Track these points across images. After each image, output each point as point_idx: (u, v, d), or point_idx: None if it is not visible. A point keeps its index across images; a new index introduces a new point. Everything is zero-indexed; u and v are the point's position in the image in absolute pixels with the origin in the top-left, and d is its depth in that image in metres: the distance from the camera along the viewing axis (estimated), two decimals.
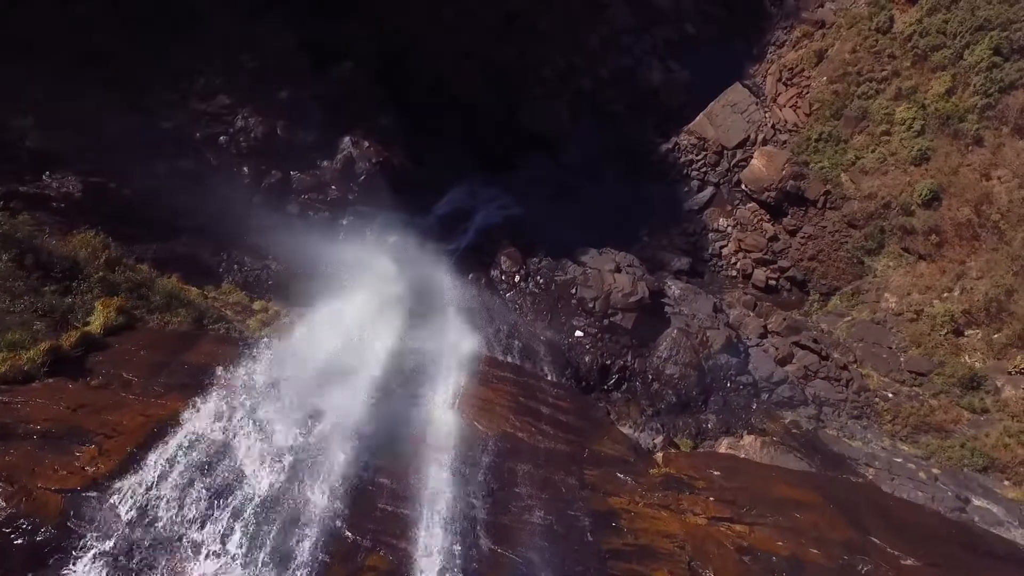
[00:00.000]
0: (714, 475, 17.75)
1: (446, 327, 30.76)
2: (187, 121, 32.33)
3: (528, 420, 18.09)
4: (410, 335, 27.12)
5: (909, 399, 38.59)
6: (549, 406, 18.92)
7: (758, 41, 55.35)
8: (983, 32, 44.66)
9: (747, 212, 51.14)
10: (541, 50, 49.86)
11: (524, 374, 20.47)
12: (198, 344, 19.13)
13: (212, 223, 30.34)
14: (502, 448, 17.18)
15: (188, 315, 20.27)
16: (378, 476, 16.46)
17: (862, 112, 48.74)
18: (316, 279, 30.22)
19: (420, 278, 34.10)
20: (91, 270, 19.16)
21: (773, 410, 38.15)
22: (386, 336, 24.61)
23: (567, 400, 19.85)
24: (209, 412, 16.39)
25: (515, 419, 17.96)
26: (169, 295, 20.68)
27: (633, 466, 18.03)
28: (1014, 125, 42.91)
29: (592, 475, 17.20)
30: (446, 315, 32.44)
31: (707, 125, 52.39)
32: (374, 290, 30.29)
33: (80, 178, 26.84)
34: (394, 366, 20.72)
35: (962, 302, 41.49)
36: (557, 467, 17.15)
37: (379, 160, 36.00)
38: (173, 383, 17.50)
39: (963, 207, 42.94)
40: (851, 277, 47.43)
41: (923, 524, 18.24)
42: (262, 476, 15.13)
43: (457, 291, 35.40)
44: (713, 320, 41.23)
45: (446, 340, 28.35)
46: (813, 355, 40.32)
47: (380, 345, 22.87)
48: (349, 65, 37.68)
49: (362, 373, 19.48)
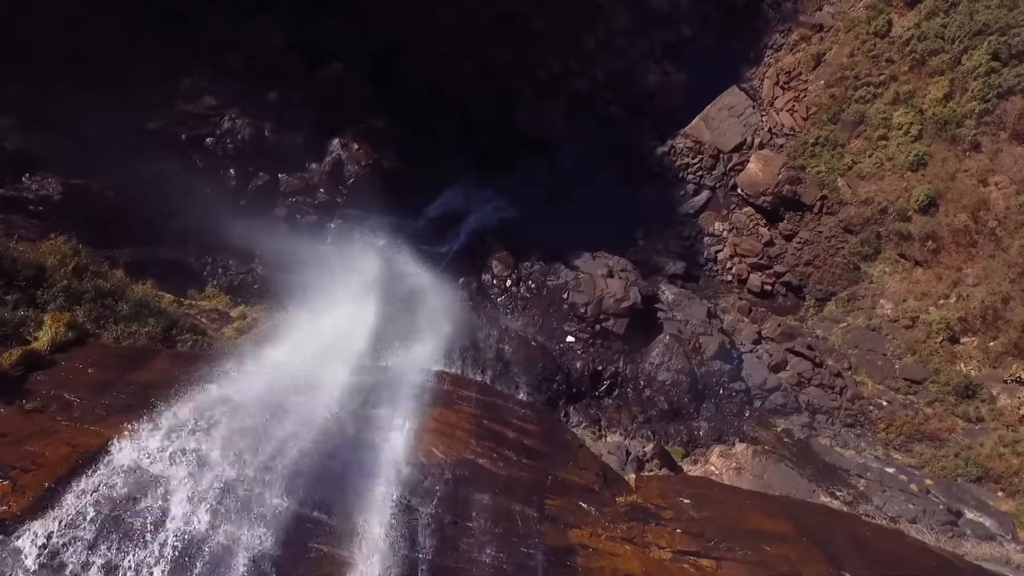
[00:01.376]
0: (684, 504, 16.64)
1: (418, 341, 30.16)
2: (173, 122, 31.89)
3: (490, 445, 16.97)
4: (380, 350, 26.46)
5: (903, 407, 38.19)
6: (515, 429, 17.69)
7: (755, 44, 54.93)
8: (981, 37, 44.28)
9: (743, 216, 50.70)
10: (536, 51, 49.42)
11: (491, 393, 18.94)
12: (152, 361, 18.05)
13: (197, 226, 29.90)
14: (459, 476, 16.15)
15: (157, 324, 19.57)
16: (317, 511, 15.32)
17: (859, 116, 48.37)
18: (300, 284, 29.80)
19: (402, 285, 33.66)
20: (57, 278, 18.53)
21: (766, 418, 37.79)
22: (354, 351, 23.83)
23: (534, 422, 18.13)
24: (145, 440, 15.09)
25: (476, 444, 16.86)
26: (139, 304, 19.87)
27: (598, 495, 16.81)
28: (1012, 131, 42.51)
29: (554, 505, 16.21)
30: (421, 326, 31.85)
31: (703, 128, 51.98)
32: (353, 298, 29.86)
33: (61, 180, 26.42)
34: (355, 385, 19.25)
35: (958, 309, 41.11)
36: (517, 496, 16.11)
37: (369, 162, 35.55)
38: (117, 405, 16.23)
39: (960, 213, 42.56)
40: (847, 283, 47.03)
41: (903, 556, 17.41)
42: (189, 513, 13.92)
43: (439, 299, 34.83)
44: (707, 326, 40.86)
45: (414, 356, 27.66)
46: (807, 362, 39.93)
47: (346, 361, 21.78)
48: (339, 66, 37.24)
49: (320, 393, 18.29)
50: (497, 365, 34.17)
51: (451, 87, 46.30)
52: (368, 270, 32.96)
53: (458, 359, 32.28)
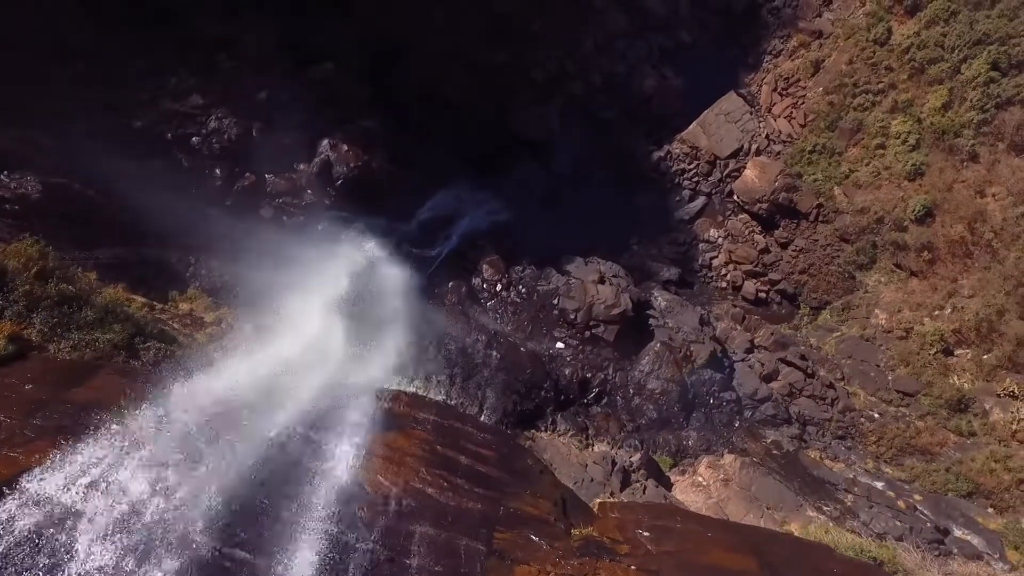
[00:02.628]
0: (643, 537, 15.68)
1: (388, 354, 29.50)
2: (158, 121, 31.49)
3: (441, 473, 15.95)
4: (346, 363, 25.78)
5: (895, 420, 37.81)
6: (470, 455, 16.70)
7: (754, 50, 54.55)
8: (981, 46, 43.92)
9: (739, 223, 50.35)
10: (533, 53, 49.08)
11: (450, 415, 17.63)
12: (94, 377, 16.86)
13: (181, 226, 29.52)
14: (405, 507, 15.03)
15: (122, 331, 18.96)
16: (240, 550, 13.91)
17: (857, 124, 48.02)
18: (280, 289, 29.40)
19: (383, 290, 33.16)
20: (18, 283, 17.96)
21: (756, 428, 37.42)
22: (315, 366, 23.05)
23: (492, 447, 17.40)
24: (65, 467, 13.86)
25: (426, 472, 15.78)
26: (105, 310, 19.26)
27: (552, 527, 15.67)
28: (1010, 142, 42.15)
29: (503, 539, 15.05)
30: (395, 338, 31.26)
31: (700, 134, 51.61)
32: (329, 307, 29.46)
33: (40, 178, 25.97)
34: (307, 405, 18.12)
35: (953, 321, 40.74)
36: (464, 529, 14.98)
37: (358, 164, 35.14)
38: (49, 427, 14.86)
39: (956, 224, 42.21)
40: (842, 292, 46.68)
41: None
42: (97, 553, 12.63)
43: (420, 308, 34.28)
44: (698, 333, 40.46)
45: (378, 371, 26.87)
46: (799, 372, 39.54)
47: (306, 376, 20.97)
48: (331, 66, 36.79)
49: (267, 413, 17.14)
50: (479, 373, 33.87)
51: (446, 88, 45.91)
52: (349, 276, 32.51)
53: (433, 371, 31.95)
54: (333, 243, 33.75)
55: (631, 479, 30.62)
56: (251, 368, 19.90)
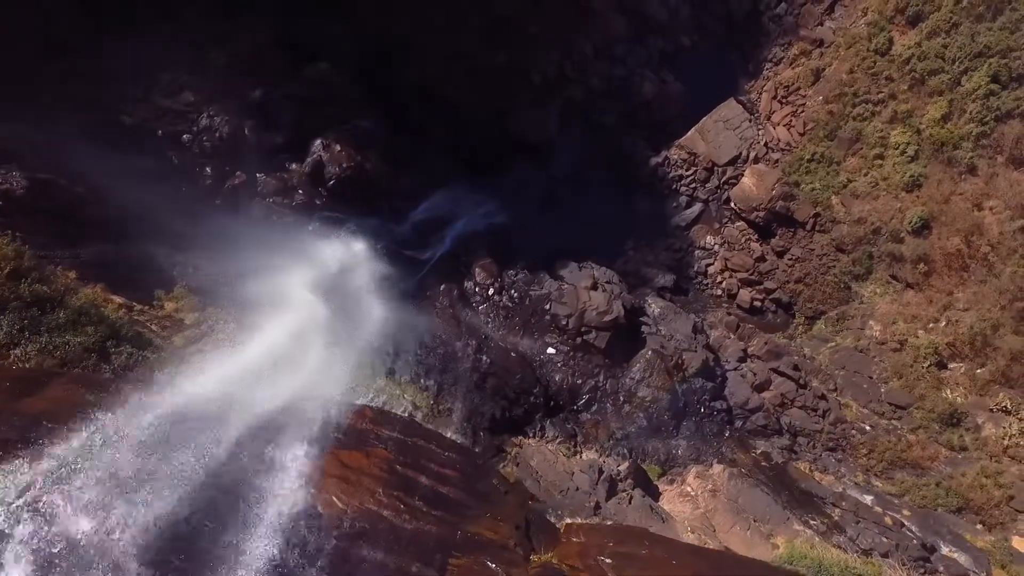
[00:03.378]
0: (604, 564, 14.91)
1: (364, 361, 29.01)
2: (149, 117, 31.29)
3: (399, 494, 15.08)
4: (317, 372, 25.23)
5: (887, 433, 37.61)
6: (431, 475, 15.89)
7: (754, 57, 54.32)
8: (982, 59, 43.60)
9: (735, 231, 50.11)
10: (531, 56, 48.78)
11: (414, 432, 16.55)
12: (48, 386, 15.76)
13: (170, 224, 29.30)
14: (356, 530, 14.05)
15: (95, 334, 18.55)
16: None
17: (856, 134, 47.74)
18: (264, 289, 29.13)
19: (369, 295, 32.83)
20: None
21: (746, 439, 37.25)
22: (283, 376, 22.36)
23: (456, 467, 16.66)
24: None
25: (383, 493, 14.89)
26: (79, 311, 18.88)
27: (511, 553, 14.79)
28: (1009, 155, 41.84)
29: (457, 565, 14.16)
30: (377, 344, 30.87)
31: (698, 140, 51.37)
32: (312, 313, 29.15)
33: (27, 174, 25.68)
34: (267, 418, 17.03)
35: (947, 334, 40.49)
36: (418, 555, 14.04)
37: (351, 164, 34.91)
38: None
39: (953, 237, 41.95)
40: (837, 302, 46.41)
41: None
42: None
43: (406, 311, 33.92)
44: (691, 341, 40.25)
45: (350, 379, 26.16)
46: (791, 383, 39.36)
47: (269, 388, 19.99)
48: (326, 66, 36.57)
49: (223, 427, 16.11)
50: (467, 377, 33.67)
51: (445, 89, 45.63)
52: (334, 279, 32.23)
53: (421, 375, 31.70)
54: (322, 244, 33.53)
55: (617, 488, 30.39)
56: (219, 376, 19.38)
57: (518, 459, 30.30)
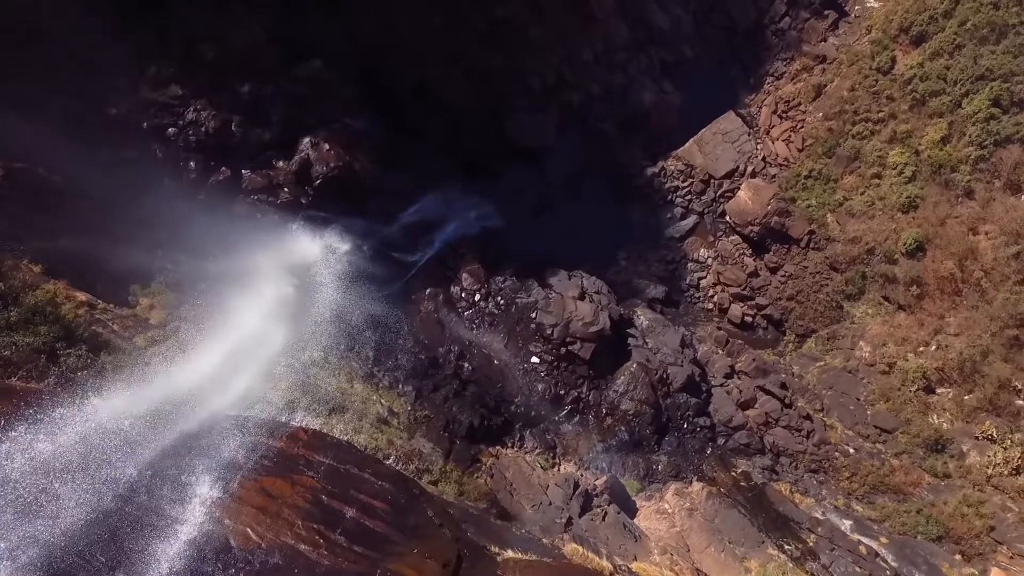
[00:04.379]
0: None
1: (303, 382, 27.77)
2: (135, 109, 30.87)
3: (320, 528, 13.89)
4: (260, 388, 24.41)
5: (870, 456, 37.22)
6: (358, 507, 14.76)
7: (756, 70, 53.94)
8: (984, 82, 43.17)
9: (729, 245, 49.75)
10: (531, 60, 48.39)
11: (349, 459, 15.78)
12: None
13: (150, 217, 28.94)
14: (268, 567, 12.77)
15: (48, 334, 18.05)
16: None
17: (855, 152, 47.35)
18: (237, 290, 28.72)
19: (345, 300, 32.27)
20: None
21: (728, 457, 36.84)
22: (225, 389, 21.54)
23: (388, 498, 15.48)
24: None
25: (303, 525, 13.69)
26: (33, 310, 18.43)
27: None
28: (1007, 180, 41.40)
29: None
30: (341, 352, 30.27)
31: (696, 152, 51.00)
32: (277, 318, 28.67)
33: (3, 163, 25.38)
34: (189, 439, 15.68)
35: (936, 359, 40.08)
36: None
37: (338, 164, 34.51)
38: None
39: (947, 260, 41.52)
40: (828, 321, 46.01)
41: None
42: None
43: (378, 318, 33.32)
44: (678, 355, 39.85)
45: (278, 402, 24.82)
46: (776, 402, 38.95)
47: (208, 401, 19.31)
48: (319, 64, 36.12)
49: (138, 449, 14.82)
50: (448, 384, 33.29)
51: (441, 91, 45.22)
52: (316, 281, 31.82)
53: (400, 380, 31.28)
54: (305, 244, 33.13)
55: (592, 504, 30.04)
56: (160, 386, 18.59)
57: (493, 470, 29.92)
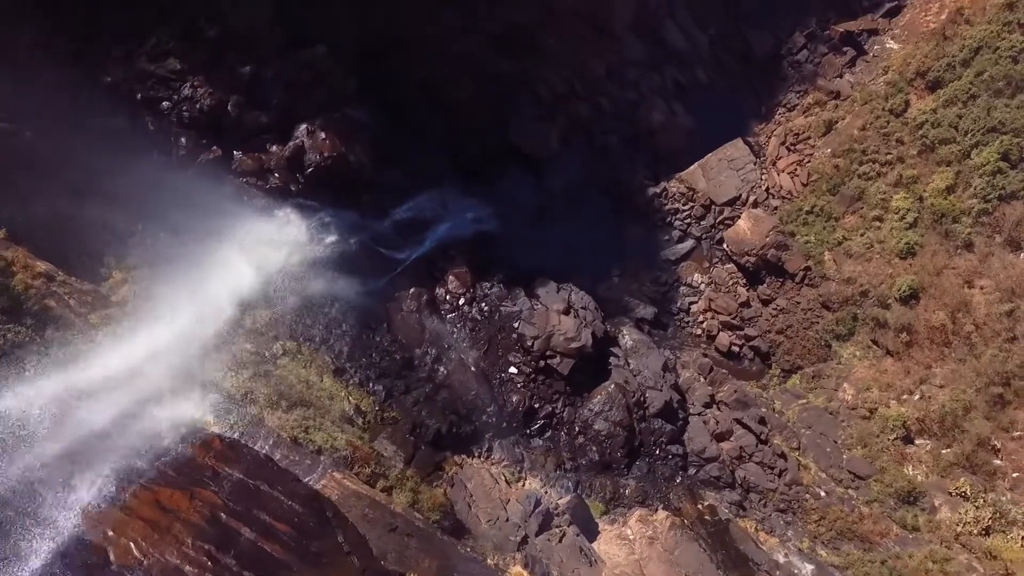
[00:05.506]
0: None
1: (267, 372, 27.13)
2: (130, 79, 30.45)
3: (211, 549, 12.62)
4: (201, 378, 23.07)
5: (841, 501, 36.77)
6: (259, 529, 13.48)
7: (769, 100, 53.44)
8: (995, 134, 42.73)
9: (724, 273, 49.26)
10: (542, 68, 48.02)
11: (262, 475, 14.75)
12: None
13: (134, 190, 28.47)
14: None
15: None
16: None
17: (859, 192, 46.91)
18: (217, 270, 28.28)
19: (321, 292, 31.77)
20: None
21: (697, 488, 36.38)
22: (169, 377, 20.88)
23: (295, 520, 14.31)
24: None
25: (192, 545, 12.49)
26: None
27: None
28: (1008, 236, 40.97)
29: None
30: (295, 351, 29.61)
31: (700, 176, 50.53)
32: (241, 305, 28.23)
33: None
34: (95, 436, 14.82)
35: (919, 409, 39.65)
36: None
37: (333, 154, 34.06)
38: None
39: (940, 311, 41.07)
40: (815, 359, 45.50)
41: None
42: None
43: (356, 313, 32.69)
44: (659, 379, 39.40)
45: (233, 391, 23.71)
46: (752, 436, 38.46)
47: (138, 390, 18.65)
48: (323, 50, 35.68)
49: (30, 447, 14.00)
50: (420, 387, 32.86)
51: (447, 90, 44.85)
52: (296, 271, 31.38)
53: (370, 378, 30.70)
54: (289, 231, 32.66)
55: (552, 523, 29.64)
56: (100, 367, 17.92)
57: (454, 479, 29.48)
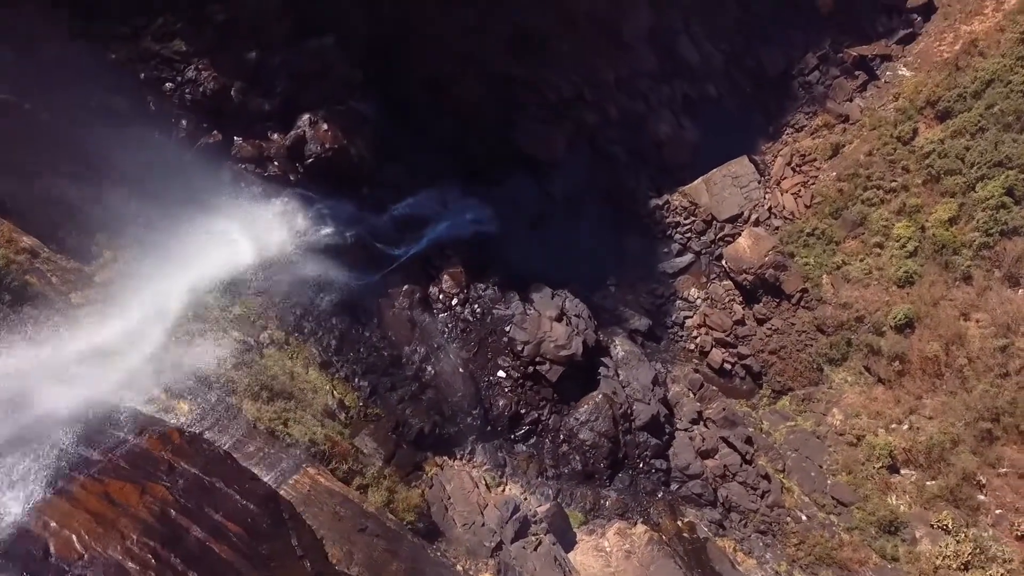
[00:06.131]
0: None
1: (251, 360, 26.58)
2: (134, 58, 30.31)
3: (156, 547, 12.12)
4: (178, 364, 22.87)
5: (822, 526, 36.61)
6: (209, 528, 12.94)
7: (777, 119, 53.35)
8: (1001, 169, 42.64)
9: (721, 289, 49.09)
10: (553, 73, 47.81)
11: (219, 472, 14.17)
12: None
13: (131, 169, 28.33)
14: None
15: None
16: None
17: (861, 218, 46.80)
18: (207, 254, 28.13)
19: (310, 285, 31.57)
20: None
21: (678, 504, 36.22)
22: (118, 373, 19.67)
23: (247, 521, 13.69)
24: None
25: (137, 541, 11.95)
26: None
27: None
28: (1007, 272, 40.83)
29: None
30: (283, 341, 29.19)
31: (703, 191, 50.39)
32: (228, 292, 28.04)
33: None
34: (49, 421, 14.28)
35: (906, 439, 39.51)
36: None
37: (334, 146, 33.92)
38: None
39: (934, 342, 40.90)
40: (807, 382, 45.31)
41: None
42: None
43: (347, 307, 32.42)
44: (647, 392, 39.21)
45: (213, 379, 23.17)
46: (737, 456, 38.28)
47: (86, 385, 17.40)
48: (331, 40, 35.49)
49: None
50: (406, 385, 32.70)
51: (454, 88, 44.66)
52: (286, 262, 31.21)
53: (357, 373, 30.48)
54: (285, 220, 32.48)
55: (529, 530, 29.45)
56: (74, 346, 17.67)
57: (434, 481, 29.32)
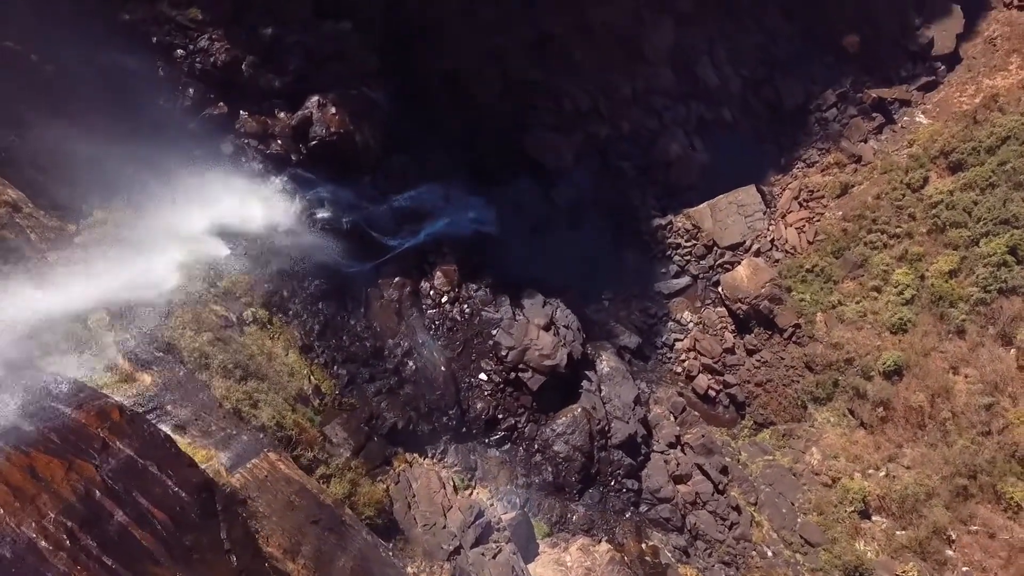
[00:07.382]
0: None
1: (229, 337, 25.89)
2: (149, 21, 30.10)
3: (74, 527, 11.91)
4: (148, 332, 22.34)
5: (786, 565, 36.41)
6: (132, 512, 12.73)
7: (790, 152, 53.11)
8: (1006, 227, 42.33)
9: (714, 315, 48.92)
10: (570, 82, 47.75)
11: (154, 454, 13.78)
12: None
13: (132, 132, 28.06)
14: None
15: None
16: None
17: (862, 260, 46.55)
18: (199, 224, 27.95)
19: (301, 265, 31.32)
20: None
21: (644, 526, 36.01)
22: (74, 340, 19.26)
23: (176, 509, 13.40)
24: None
25: (54, 520, 11.75)
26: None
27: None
28: (1000, 330, 40.50)
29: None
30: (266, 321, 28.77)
31: (707, 216, 50.18)
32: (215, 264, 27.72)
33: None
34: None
35: (882, 486, 39.24)
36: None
37: (339, 130, 33.71)
38: None
39: (920, 392, 40.67)
40: (789, 417, 45.08)
41: None
42: None
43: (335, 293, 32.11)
44: (627, 411, 39.01)
45: (185, 353, 22.52)
46: (710, 484, 38.04)
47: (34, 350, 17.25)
48: (349, 25, 35.33)
49: None
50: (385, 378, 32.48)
51: (471, 86, 44.57)
52: (279, 241, 30.99)
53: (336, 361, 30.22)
54: (282, 198, 32.27)
55: (490, 537, 29.21)
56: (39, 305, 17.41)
57: (400, 477, 29.07)
